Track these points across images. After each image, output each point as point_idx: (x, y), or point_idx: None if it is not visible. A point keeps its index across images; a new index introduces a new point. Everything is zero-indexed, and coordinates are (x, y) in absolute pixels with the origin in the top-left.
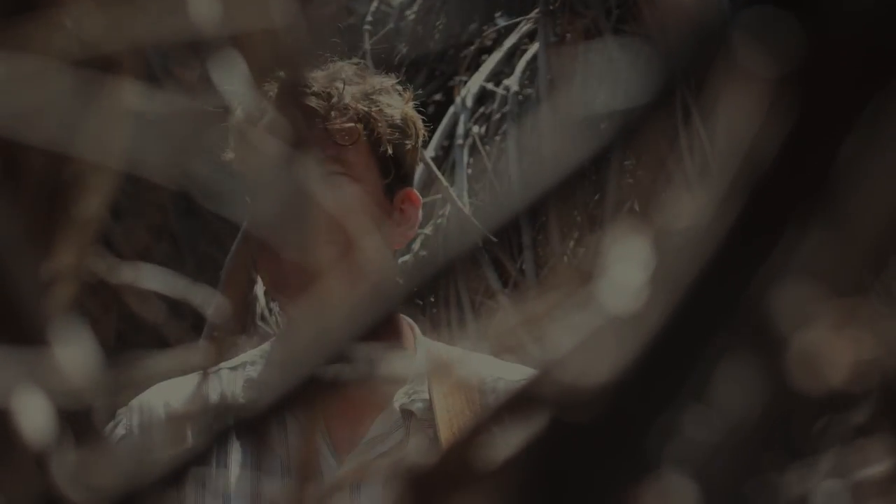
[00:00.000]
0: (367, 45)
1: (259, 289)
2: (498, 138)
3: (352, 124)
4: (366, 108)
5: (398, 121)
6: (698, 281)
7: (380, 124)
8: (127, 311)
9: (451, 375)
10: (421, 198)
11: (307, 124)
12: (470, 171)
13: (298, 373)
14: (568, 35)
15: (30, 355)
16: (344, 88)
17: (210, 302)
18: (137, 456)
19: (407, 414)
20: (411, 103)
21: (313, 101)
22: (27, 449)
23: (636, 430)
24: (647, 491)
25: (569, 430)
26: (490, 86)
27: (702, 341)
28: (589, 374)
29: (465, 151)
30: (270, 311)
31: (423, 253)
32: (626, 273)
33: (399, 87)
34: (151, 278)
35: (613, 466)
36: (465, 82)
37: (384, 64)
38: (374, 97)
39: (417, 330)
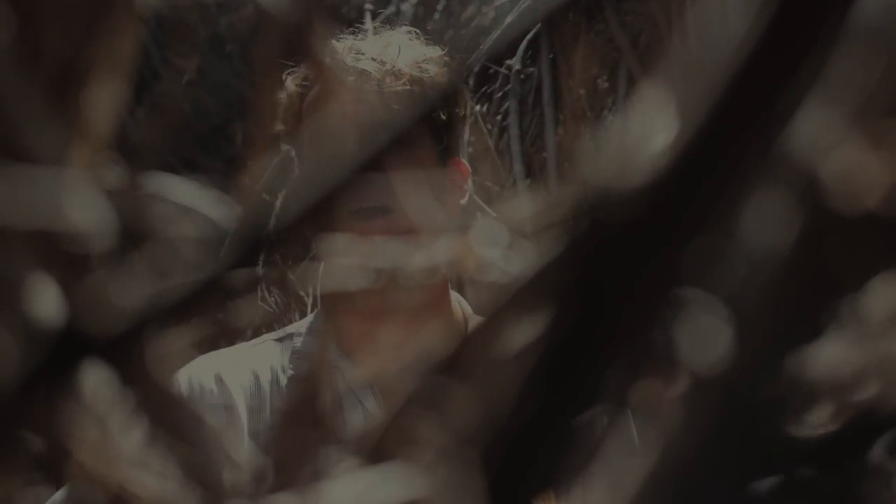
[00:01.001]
0: (368, 26)
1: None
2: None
3: (407, 88)
4: (419, 75)
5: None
6: (723, 100)
7: (431, 91)
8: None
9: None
10: (469, 168)
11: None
12: (471, 149)
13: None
14: (570, 14)
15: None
16: (399, 54)
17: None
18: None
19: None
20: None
21: (369, 65)
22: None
23: (672, 239)
24: (680, 312)
25: (604, 233)
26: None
27: (730, 162)
28: (623, 179)
29: (467, 129)
30: (270, 292)
31: None
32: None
33: (446, 57)
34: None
35: (648, 275)
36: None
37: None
38: (423, 65)
39: (467, 306)
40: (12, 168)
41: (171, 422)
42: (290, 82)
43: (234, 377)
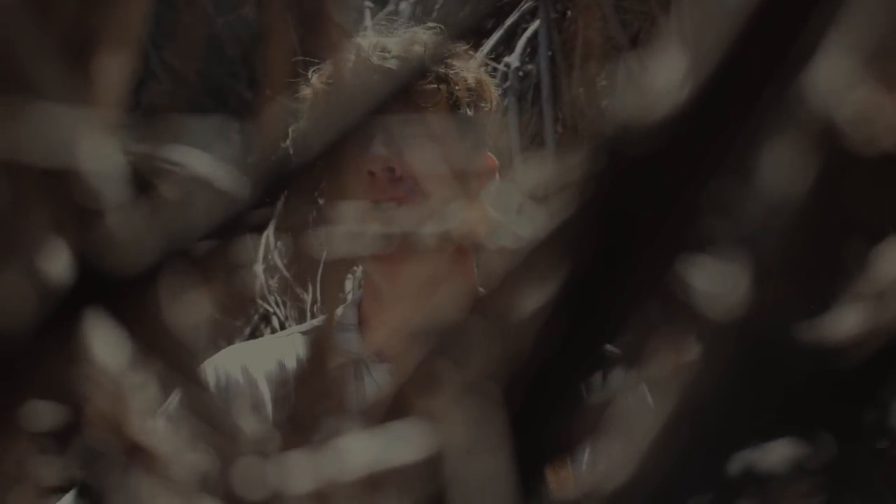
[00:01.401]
0: (367, 23)
1: (259, 268)
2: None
3: (433, 86)
4: (444, 71)
5: (473, 84)
6: (738, 43)
7: (458, 87)
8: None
9: None
10: (497, 161)
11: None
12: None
13: None
14: (569, 12)
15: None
16: (425, 52)
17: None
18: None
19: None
20: (483, 68)
21: (394, 64)
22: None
23: (691, 176)
24: (698, 256)
25: (624, 165)
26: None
27: (745, 105)
28: (643, 113)
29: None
30: (269, 289)
31: None
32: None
33: (471, 52)
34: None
35: (668, 211)
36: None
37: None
38: (448, 61)
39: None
40: (27, 105)
41: (183, 369)
42: (316, 80)
43: (260, 368)
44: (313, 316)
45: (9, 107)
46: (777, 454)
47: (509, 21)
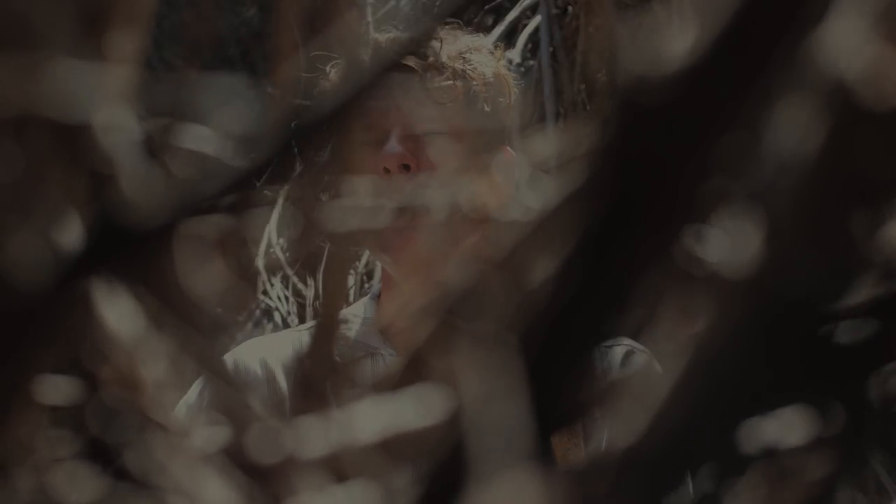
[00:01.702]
0: (369, 19)
1: (260, 262)
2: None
3: (450, 82)
4: (461, 67)
5: (491, 78)
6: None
7: (475, 82)
8: None
9: None
10: (516, 156)
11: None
12: None
13: None
14: (570, 8)
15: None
16: (441, 47)
17: None
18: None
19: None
20: (503, 61)
21: (411, 61)
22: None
23: (705, 128)
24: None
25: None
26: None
27: (757, 63)
28: (657, 65)
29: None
30: (272, 284)
31: None
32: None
33: (490, 47)
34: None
35: (682, 162)
36: None
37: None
38: (467, 56)
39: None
40: (44, 62)
41: (196, 327)
42: (335, 74)
43: (278, 361)
44: (315, 311)
45: (25, 63)
46: (787, 421)
47: (510, 17)
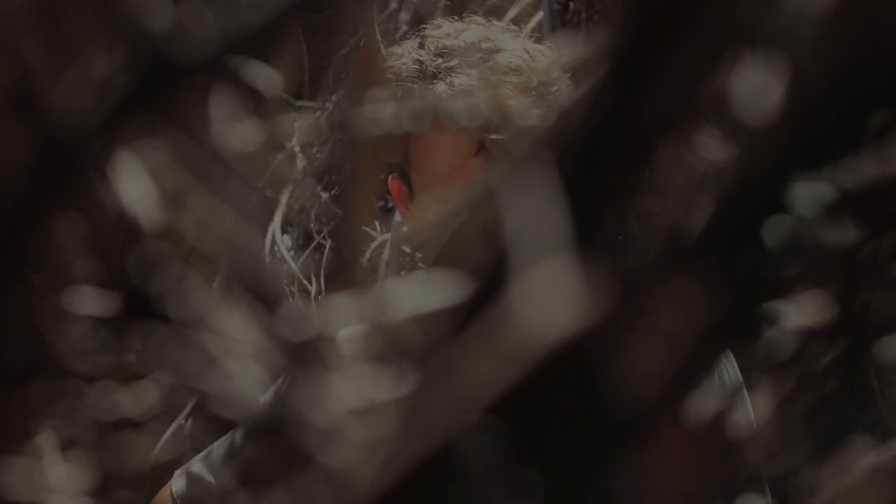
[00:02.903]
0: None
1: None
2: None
3: (476, 141)
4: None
5: (515, 65)
6: None
7: (499, 114)
8: None
9: None
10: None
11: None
12: None
13: None
14: (571, 4)
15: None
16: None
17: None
18: None
19: None
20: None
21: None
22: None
23: None
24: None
25: None
26: None
27: None
28: None
29: None
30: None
31: None
32: None
33: (514, 27)
34: None
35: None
36: None
37: (386, 36)
38: (495, 77)
39: None
40: None
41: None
42: None
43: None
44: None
45: None
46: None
47: (511, 14)
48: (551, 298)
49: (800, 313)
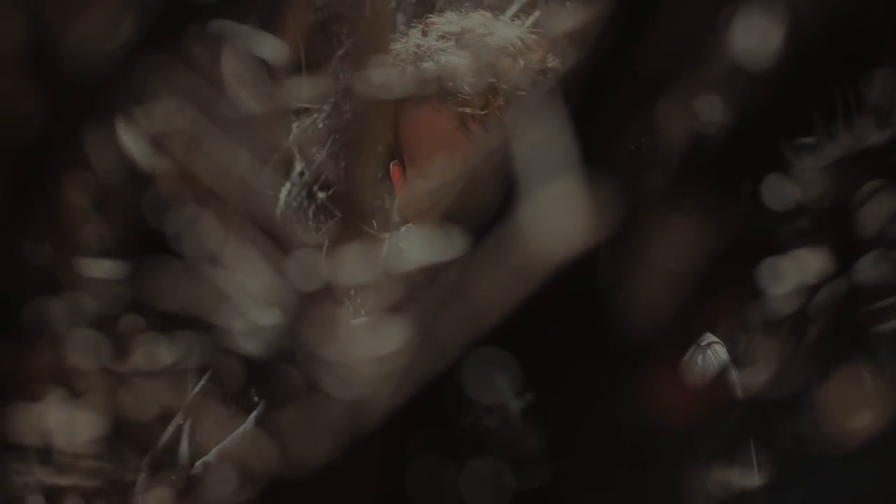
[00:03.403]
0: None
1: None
2: None
3: (482, 111)
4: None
5: (504, 48)
6: None
7: (501, 90)
8: None
9: None
10: None
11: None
12: None
13: None
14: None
15: None
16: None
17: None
18: None
19: None
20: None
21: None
22: None
23: None
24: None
25: None
26: None
27: None
28: None
29: None
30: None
31: None
32: None
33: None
34: None
35: None
36: None
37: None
38: (492, 68)
39: None
40: None
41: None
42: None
43: None
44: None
45: None
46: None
47: (511, 11)
48: (559, 218)
49: (799, 269)
